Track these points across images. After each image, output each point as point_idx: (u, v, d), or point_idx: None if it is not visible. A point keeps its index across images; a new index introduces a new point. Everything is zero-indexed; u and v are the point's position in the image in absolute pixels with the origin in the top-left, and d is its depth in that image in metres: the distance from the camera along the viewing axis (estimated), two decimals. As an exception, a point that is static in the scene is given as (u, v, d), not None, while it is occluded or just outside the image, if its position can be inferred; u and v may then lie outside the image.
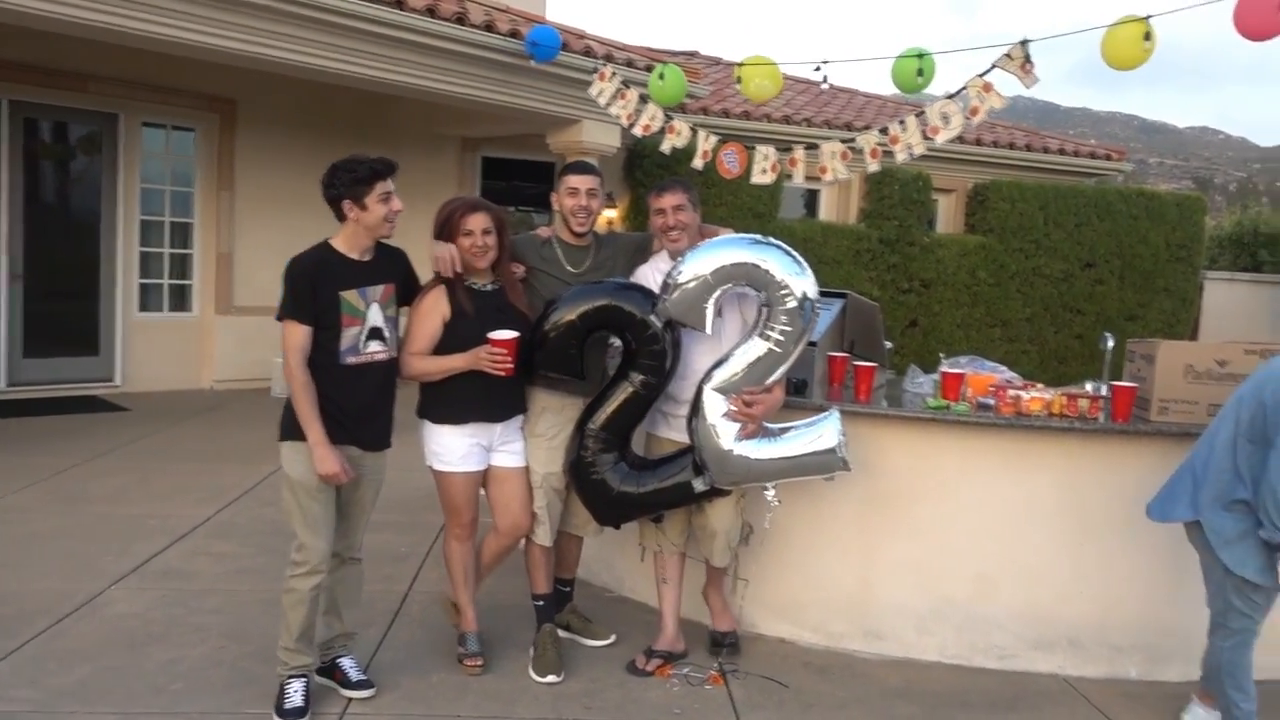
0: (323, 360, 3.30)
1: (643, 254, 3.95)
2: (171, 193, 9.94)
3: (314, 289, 3.26)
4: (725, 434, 3.52)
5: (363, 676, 3.57)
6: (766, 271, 3.47)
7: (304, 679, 3.41)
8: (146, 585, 4.56)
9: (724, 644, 4.02)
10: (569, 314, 3.54)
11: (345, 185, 3.28)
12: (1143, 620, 4.03)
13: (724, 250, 3.52)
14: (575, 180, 3.80)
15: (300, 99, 9.72)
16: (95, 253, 9.50)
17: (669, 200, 3.75)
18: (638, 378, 3.60)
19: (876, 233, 12.58)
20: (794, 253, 3.53)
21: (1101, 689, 3.95)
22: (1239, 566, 3.24)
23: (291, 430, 3.29)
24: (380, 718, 3.43)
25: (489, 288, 3.63)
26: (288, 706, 3.32)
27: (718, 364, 3.57)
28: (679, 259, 3.58)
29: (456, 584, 3.79)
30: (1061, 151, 14.73)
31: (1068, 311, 13.53)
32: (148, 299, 9.88)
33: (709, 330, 3.53)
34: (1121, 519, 3.94)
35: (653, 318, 3.53)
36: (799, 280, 3.48)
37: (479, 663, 3.75)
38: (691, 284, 3.47)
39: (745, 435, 3.53)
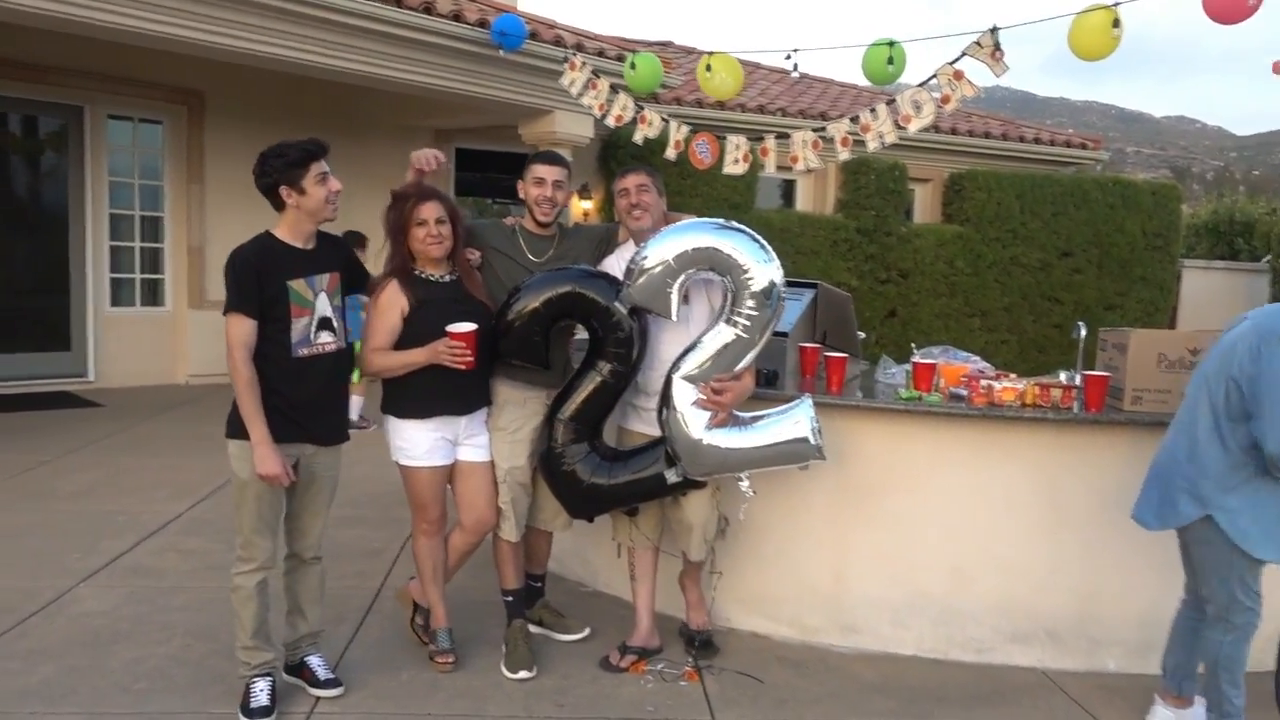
0: (273, 353, 3.22)
1: (608, 245, 3.90)
2: (140, 186, 9.82)
3: (259, 280, 3.18)
4: (695, 423, 3.48)
5: (331, 675, 3.52)
6: (729, 256, 3.43)
7: (269, 677, 3.35)
8: (114, 583, 4.49)
9: (697, 641, 3.98)
10: (533, 301, 3.49)
11: (279, 171, 3.20)
12: (1121, 612, 4.01)
13: (687, 235, 3.47)
14: (542, 170, 3.76)
15: (270, 91, 9.59)
16: (64, 247, 9.37)
17: (632, 180, 3.73)
18: (605, 366, 3.55)
19: (854, 223, 12.58)
20: (760, 238, 3.49)
21: (1080, 682, 3.93)
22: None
23: (238, 429, 3.21)
24: (349, 716, 3.38)
25: (446, 279, 3.57)
26: (253, 706, 3.26)
27: (686, 352, 3.53)
28: (642, 245, 3.54)
29: (425, 580, 3.74)
30: (1038, 141, 14.78)
31: (1046, 301, 13.58)
32: (120, 294, 9.76)
33: (674, 317, 3.49)
34: (1097, 509, 3.92)
35: (617, 305, 3.48)
36: (764, 267, 3.44)
37: (450, 659, 3.70)
38: (654, 270, 3.43)
39: (715, 424, 3.49)
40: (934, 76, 5.45)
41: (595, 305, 3.51)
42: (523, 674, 3.67)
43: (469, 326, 3.38)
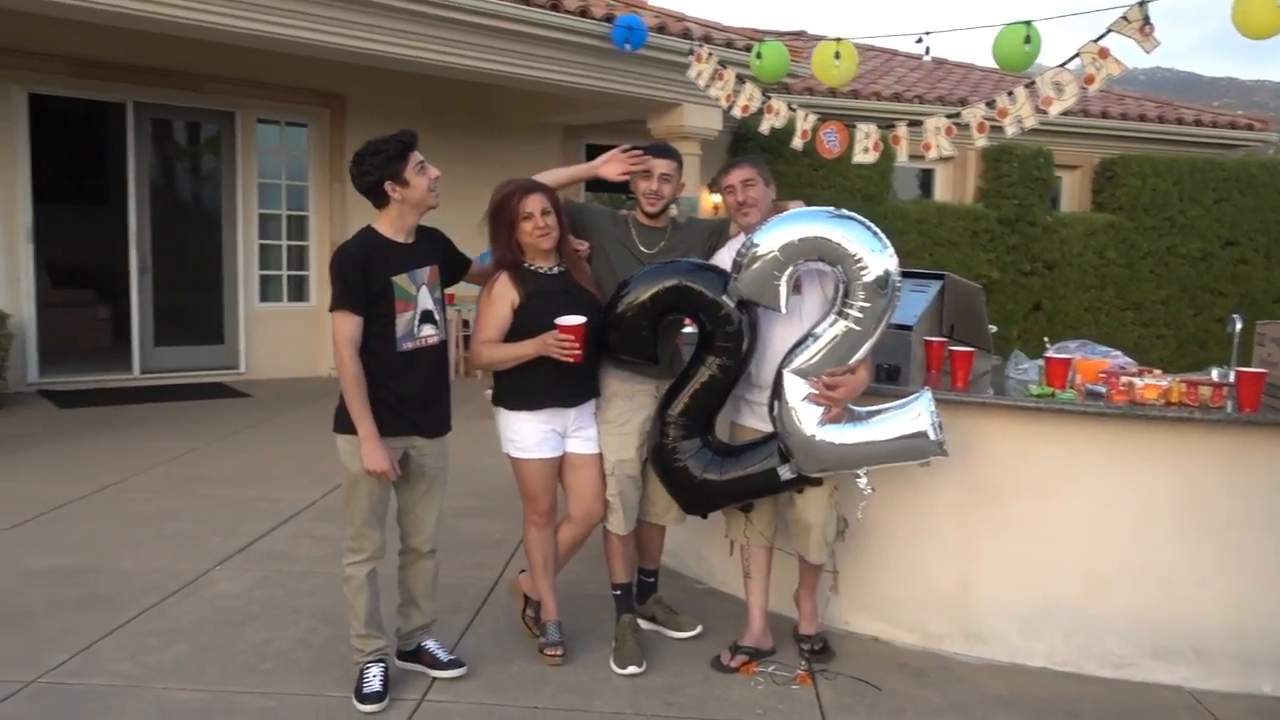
0: (378, 349, 3.26)
1: (720, 238, 3.82)
2: (287, 187, 10.27)
3: (365, 276, 3.22)
4: (808, 419, 3.37)
5: (452, 656, 3.57)
6: (839, 245, 3.29)
7: (382, 664, 3.41)
8: (249, 566, 4.68)
9: (812, 645, 3.86)
10: (641, 294, 3.44)
11: (381, 167, 3.22)
12: (1278, 629, 3.69)
13: (795, 224, 3.36)
14: (650, 162, 3.73)
15: (407, 91, 9.87)
16: (218, 246, 9.92)
17: (737, 176, 3.63)
18: (715, 361, 3.48)
19: (995, 212, 12.09)
20: (874, 227, 3.34)
21: (1231, 704, 3.63)
22: None
23: (346, 424, 3.26)
24: (459, 705, 3.41)
25: (555, 270, 3.56)
26: (366, 691, 3.33)
27: (798, 345, 3.42)
28: (749, 236, 3.44)
29: (536, 572, 3.75)
30: (1198, 123, 13.87)
31: (1208, 293, 12.76)
32: (268, 289, 10.24)
33: (783, 309, 3.38)
34: (1249, 517, 3.62)
35: (725, 298, 3.40)
36: (878, 256, 3.29)
37: (559, 652, 3.70)
38: (761, 261, 3.33)
39: (829, 419, 3.37)
40: (1077, 55, 5.15)
41: (703, 299, 3.43)
42: (631, 669, 3.63)
43: (578, 319, 3.36)
